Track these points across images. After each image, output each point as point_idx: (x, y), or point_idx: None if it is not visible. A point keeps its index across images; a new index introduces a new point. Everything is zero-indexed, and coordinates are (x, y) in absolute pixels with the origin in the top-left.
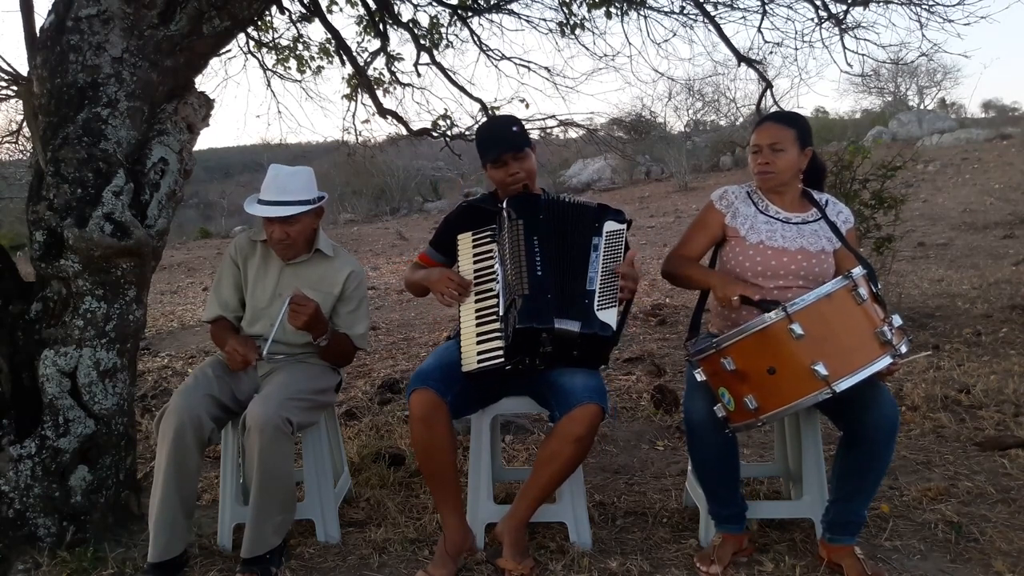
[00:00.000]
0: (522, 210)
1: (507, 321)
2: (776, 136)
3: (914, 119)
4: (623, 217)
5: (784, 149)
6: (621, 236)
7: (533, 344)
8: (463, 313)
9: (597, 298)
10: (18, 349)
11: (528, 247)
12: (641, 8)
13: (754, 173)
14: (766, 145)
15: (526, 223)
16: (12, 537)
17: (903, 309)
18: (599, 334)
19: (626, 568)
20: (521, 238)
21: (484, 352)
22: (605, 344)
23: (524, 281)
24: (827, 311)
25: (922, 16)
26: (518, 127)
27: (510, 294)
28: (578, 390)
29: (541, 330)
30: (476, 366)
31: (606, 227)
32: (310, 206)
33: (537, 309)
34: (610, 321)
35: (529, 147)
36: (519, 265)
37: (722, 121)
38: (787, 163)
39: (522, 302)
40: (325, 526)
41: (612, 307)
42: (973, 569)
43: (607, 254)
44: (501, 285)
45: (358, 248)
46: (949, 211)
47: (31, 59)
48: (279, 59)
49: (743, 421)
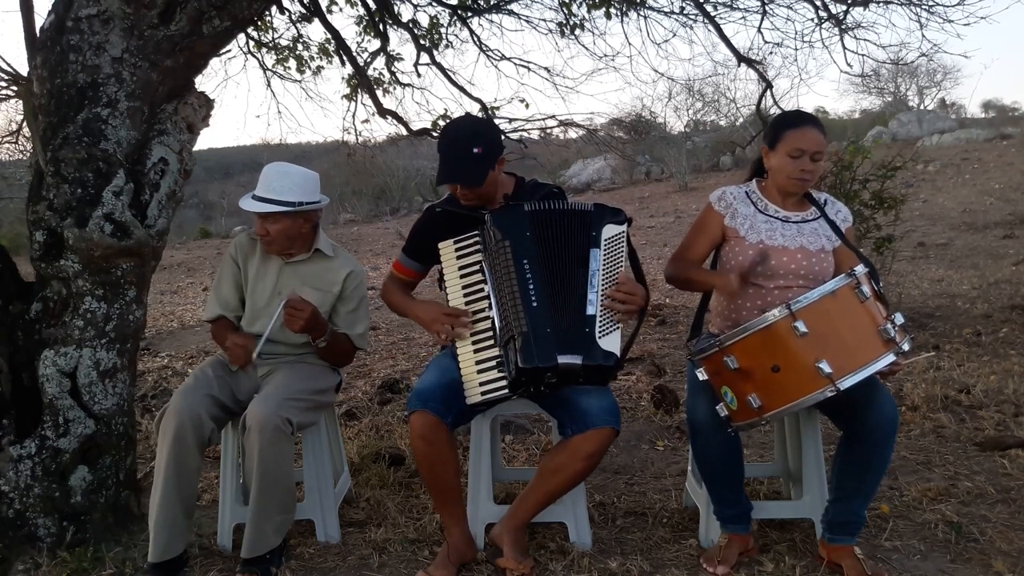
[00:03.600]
0: (508, 229)
1: (507, 356)
2: (821, 145)
3: (914, 119)
4: (622, 216)
5: (822, 158)
6: (622, 240)
7: (537, 379)
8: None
9: (598, 325)
10: (18, 349)
11: (519, 274)
12: (641, 8)
13: (790, 177)
14: (810, 152)
15: (513, 244)
16: (12, 537)
17: (903, 309)
18: (603, 364)
19: (626, 568)
20: (511, 263)
21: (487, 383)
22: (610, 371)
23: (521, 317)
24: (830, 309)
25: (922, 16)
26: (481, 147)
27: (508, 330)
28: (594, 411)
29: (545, 369)
30: (480, 398)
31: (604, 233)
32: (289, 208)
33: (539, 348)
34: (613, 348)
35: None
36: (513, 297)
37: (722, 121)
38: (820, 171)
39: (521, 340)
40: (325, 526)
41: (615, 331)
42: (973, 569)
43: (607, 266)
44: (496, 311)
45: (358, 248)
46: (949, 211)
47: (31, 59)
48: (279, 59)
49: (746, 420)
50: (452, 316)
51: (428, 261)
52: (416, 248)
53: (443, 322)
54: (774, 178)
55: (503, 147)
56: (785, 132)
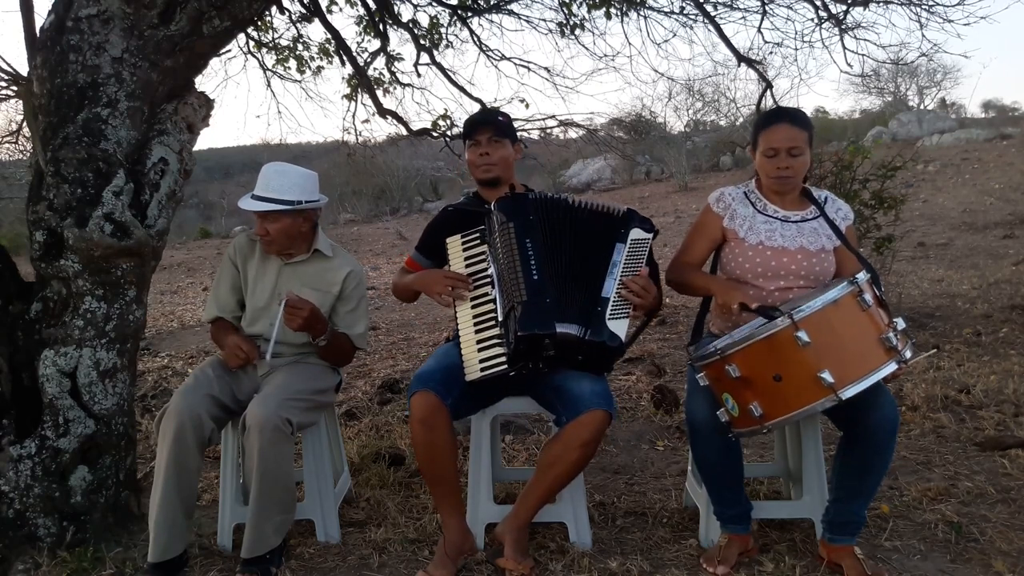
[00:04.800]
0: (511, 212)
1: (507, 328)
2: (795, 139)
3: (914, 119)
4: (650, 226)
5: (802, 152)
6: (646, 245)
7: (536, 349)
8: (461, 320)
9: (610, 307)
10: (18, 349)
11: (521, 250)
12: (641, 8)
13: (769, 177)
14: (784, 149)
15: (517, 225)
16: (12, 537)
17: (903, 309)
18: (607, 343)
19: (626, 568)
20: (513, 241)
21: (486, 360)
22: (611, 354)
23: (521, 287)
24: (833, 318)
25: (922, 16)
26: (505, 118)
27: (508, 300)
28: (586, 396)
29: (543, 335)
30: (480, 374)
31: (632, 234)
32: (289, 207)
33: (537, 315)
34: (620, 332)
35: (509, 138)
36: (514, 270)
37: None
38: (803, 166)
39: (521, 308)
40: (325, 526)
41: (624, 318)
42: (973, 569)
43: (628, 262)
44: (497, 289)
45: (358, 248)
46: (949, 211)
47: (31, 59)
48: (279, 59)
49: (747, 427)
50: (453, 278)
51: (439, 259)
52: (429, 245)
53: (444, 284)
54: (762, 179)
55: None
56: (759, 134)
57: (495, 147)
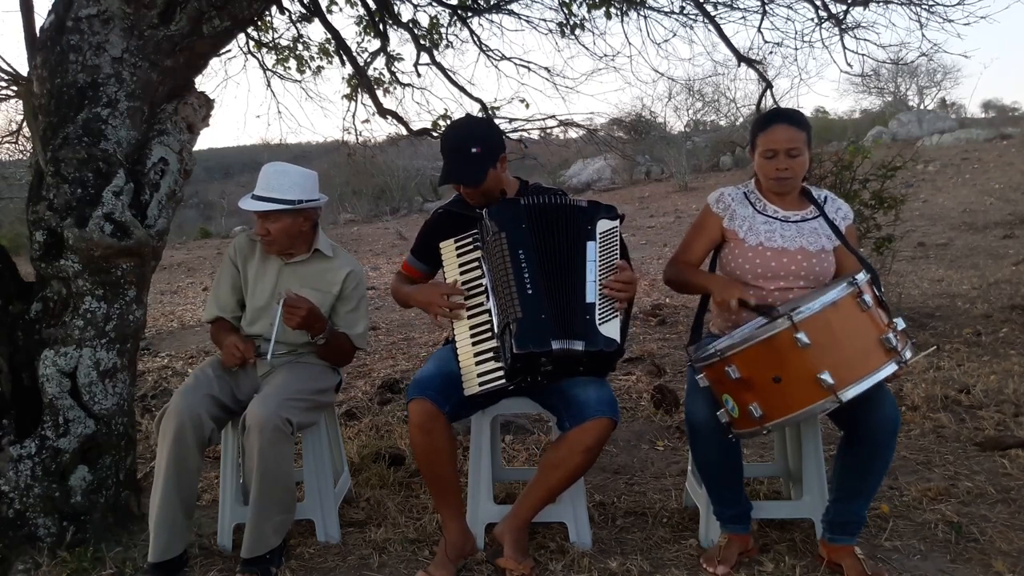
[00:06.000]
0: (504, 222)
1: (503, 343)
2: (793, 140)
3: (914, 119)
4: (615, 212)
5: (800, 153)
6: (615, 234)
7: (533, 365)
8: (457, 331)
9: (598, 312)
10: (18, 349)
11: (515, 264)
12: (641, 8)
13: (768, 178)
14: (783, 150)
15: (509, 236)
16: (12, 537)
17: (903, 309)
18: (604, 350)
19: (626, 568)
20: (507, 254)
21: (484, 374)
22: (611, 357)
23: (515, 303)
24: (833, 319)
25: (922, 16)
26: (479, 146)
27: (504, 317)
28: (592, 402)
29: (540, 354)
30: (478, 389)
31: (599, 227)
32: (290, 206)
33: (533, 333)
34: (613, 335)
35: (490, 168)
36: (508, 285)
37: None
38: (802, 166)
39: (517, 327)
40: (325, 526)
41: (614, 318)
42: (973, 569)
43: (603, 257)
44: (492, 302)
45: (358, 248)
46: (949, 211)
47: (31, 59)
48: (279, 59)
49: (747, 428)
50: (449, 294)
51: (434, 263)
52: (422, 249)
53: (441, 303)
54: (761, 180)
55: (504, 146)
56: (757, 135)
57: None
